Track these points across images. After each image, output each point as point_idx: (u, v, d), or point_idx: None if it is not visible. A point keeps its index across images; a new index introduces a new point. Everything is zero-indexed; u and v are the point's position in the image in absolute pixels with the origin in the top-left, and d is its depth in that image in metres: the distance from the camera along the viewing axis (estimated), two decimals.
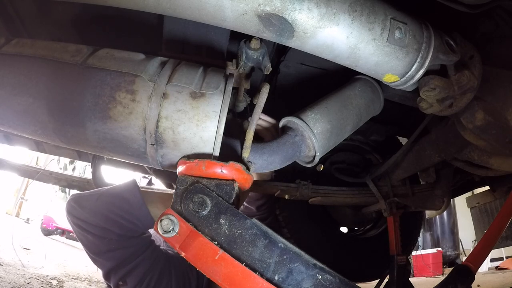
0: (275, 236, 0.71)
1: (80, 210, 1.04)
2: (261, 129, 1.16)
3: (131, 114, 0.76)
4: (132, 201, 1.03)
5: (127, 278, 1.08)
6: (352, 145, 1.88)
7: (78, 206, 1.05)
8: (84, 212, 1.04)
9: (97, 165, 1.65)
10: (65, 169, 6.90)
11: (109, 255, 1.06)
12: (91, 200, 1.05)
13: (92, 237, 1.04)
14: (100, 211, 1.02)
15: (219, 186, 0.75)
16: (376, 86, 1.21)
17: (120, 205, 1.02)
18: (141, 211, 1.02)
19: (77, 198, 1.09)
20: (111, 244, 1.04)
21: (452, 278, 1.00)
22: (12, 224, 5.75)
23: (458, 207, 6.27)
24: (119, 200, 1.03)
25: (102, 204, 1.03)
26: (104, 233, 1.03)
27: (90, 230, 1.03)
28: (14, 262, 3.10)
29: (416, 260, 5.63)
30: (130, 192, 1.04)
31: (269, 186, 1.57)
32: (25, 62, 0.81)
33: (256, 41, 0.84)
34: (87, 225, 1.03)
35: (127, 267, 1.07)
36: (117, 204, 1.02)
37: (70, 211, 1.06)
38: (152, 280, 1.11)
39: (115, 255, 1.06)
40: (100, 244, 1.05)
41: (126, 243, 1.06)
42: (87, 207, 1.04)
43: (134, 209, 1.02)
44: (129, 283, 1.09)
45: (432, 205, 1.58)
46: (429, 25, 0.86)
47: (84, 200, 1.07)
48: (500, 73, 0.95)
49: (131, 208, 1.02)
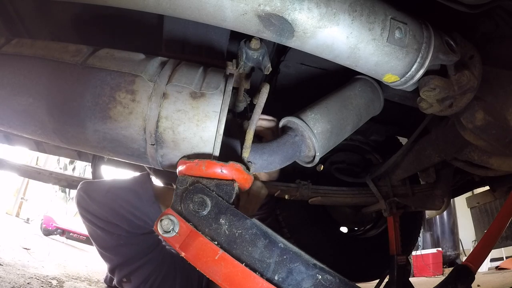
0: (275, 236, 0.71)
1: (89, 201, 0.99)
2: (262, 129, 1.15)
3: (131, 114, 0.76)
4: (143, 196, 0.98)
5: (131, 276, 1.06)
6: (352, 145, 1.88)
7: (88, 197, 1.00)
8: (94, 204, 0.98)
9: (97, 165, 1.66)
10: (65, 169, 6.90)
11: (116, 251, 1.03)
12: (101, 192, 1.00)
13: (101, 231, 1.00)
14: (110, 205, 0.97)
15: (219, 186, 0.75)
16: (376, 86, 1.21)
17: (130, 200, 0.97)
18: (152, 207, 0.98)
19: (87, 187, 1.03)
20: (120, 240, 1.00)
21: (452, 278, 1.00)
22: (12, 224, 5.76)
23: (458, 207, 6.27)
24: (130, 194, 0.98)
25: (112, 198, 0.98)
26: (112, 229, 0.99)
27: (99, 224, 0.99)
28: (14, 262, 3.10)
29: (416, 260, 5.63)
30: (142, 187, 0.99)
31: (269, 186, 1.57)
32: (25, 62, 0.81)
33: (256, 41, 0.84)
34: (96, 218, 0.98)
35: (133, 265, 1.04)
36: (128, 199, 0.97)
37: (80, 201, 1.01)
38: (156, 281, 1.08)
39: (123, 251, 1.03)
40: (108, 239, 1.01)
41: (134, 239, 1.02)
42: (97, 199, 0.99)
43: (144, 205, 0.97)
44: (133, 281, 1.06)
45: (432, 205, 1.58)
46: (429, 25, 0.86)
47: (93, 191, 1.01)
48: (500, 73, 0.95)
49: (142, 204, 0.97)
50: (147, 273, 1.07)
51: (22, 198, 7.61)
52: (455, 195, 1.94)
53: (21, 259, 3.32)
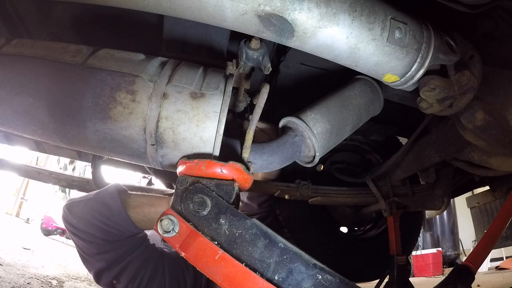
0: (275, 236, 0.71)
1: (70, 216, 1.08)
2: (258, 130, 1.16)
3: (131, 114, 0.76)
4: (112, 206, 1.04)
5: (120, 277, 1.12)
6: (352, 145, 1.88)
7: (69, 212, 1.09)
8: (74, 218, 1.07)
9: (97, 165, 1.66)
10: (65, 169, 6.90)
11: (99, 257, 1.10)
12: (79, 206, 1.08)
13: (82, 242, 1.09)
14: (86, 217, 1.05)
15: (219, 186, 0.75)
16: (376, 86, 1.21)
17: (102, 211, 1.04)
18: (121, 216, 1.03)
19: (69, 203, 1.12)
20: (100, 248, 1.08)
21: (452, 278, 1.00)
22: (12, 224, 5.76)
23: (458, 207, 6.26)
24: (101, 206, 1.05)
25: (87, 210, 1.06)
26: (91, 238, 1.06)
27: (79, 235, 1.07)
28: (14, 262, 3.10)
29: (416, 260, 5.63)
30: (111, 198, 1.05)
31: (269, 186, 1.57)
32: (25, 63, 0.81)
33: (256, 41, 0.84)
34: (77, 230, 1.07)
35: (119, 266, 1.10)
36: (100, 210, 1.04)
37: (64, 216, 1.11)
38: (144, 277, 1.14)
39: (105, 257, 1.09)
40: (89, 247, 1.09)
41: (113, 246, 1.08)
42: (76, 213, 1.07)
43: (114, 215, 1.03)
44: (122, 282, 1.12)
45: (432, 205, 1.58)
46: (429, 25, 0.86)
47: (74, 206, 1.10)
48: (500, 73, 0.95)
49: (112, 215, 1.03)
50: (133, 271, 1.12)
51: (22, 198, 7.62)
52: (455, 195, 1.94)
53: (21, 259, 3.32)
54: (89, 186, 1.84)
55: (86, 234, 1.06)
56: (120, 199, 1.04)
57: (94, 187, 1.64)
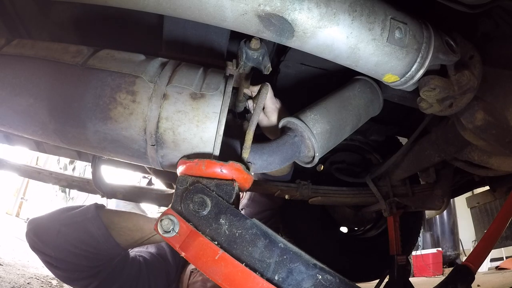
0: (275, 236, 0.71)
1: (43, 246, 0.99)
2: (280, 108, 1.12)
3: (131, 115, 0.77)
4: (96, 234, 0.98)
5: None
6: (352, 145, 1.88)
7: (40, 241, 1.00)
8: (48, 248, 0.99)
9: (97, 165, 1.65)
10: (65, 169, 6.90)
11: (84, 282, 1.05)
12: (52, 233, 1.00)
13: (62, 272, 1.02)
14: (66, 248, 0.98)
15: (219, 186, 0.75)
16: (375, 86, 1.21)
17: (84, 240, 0.98)
18: (108, 243, 0.99)
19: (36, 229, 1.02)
20: (83, 274, 1.02)
21: (452, 278, 1.00)
22: (12, 224, 5.75)
23: (458, 207, 6.27)
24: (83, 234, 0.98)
25: (65, 239, 0.98)
26: (72, 266, 1.00)
27: (59, 266, 1.00)
28: (14, 262, 3.10)
29: (416, 260, 5.63)
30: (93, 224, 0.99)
31: (269, 186, 1.57)
32: (25, 63, 0.81)
33: (256, 41, 0.84)
34: (55, 260, 0.99)
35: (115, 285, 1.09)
36: (81, 240, 0.98)
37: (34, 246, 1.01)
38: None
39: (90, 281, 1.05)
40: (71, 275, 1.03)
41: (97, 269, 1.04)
42: (51, 244, 0.99)
43: (99, 243, 0.98)
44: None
45: (432, 205, 1.58)
46: (429, 25, 0.86)
47: (44, 234, 1.01)
48: (500, 73, 0.95)
49: (97, 243, 0.98)
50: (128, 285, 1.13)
51: (22, 198, 7.61)
52: (455, 195, 1.94)
53: (21, 259, 3.32)
54: (89, 186, 1.84)
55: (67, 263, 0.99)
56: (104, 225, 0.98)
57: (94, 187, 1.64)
